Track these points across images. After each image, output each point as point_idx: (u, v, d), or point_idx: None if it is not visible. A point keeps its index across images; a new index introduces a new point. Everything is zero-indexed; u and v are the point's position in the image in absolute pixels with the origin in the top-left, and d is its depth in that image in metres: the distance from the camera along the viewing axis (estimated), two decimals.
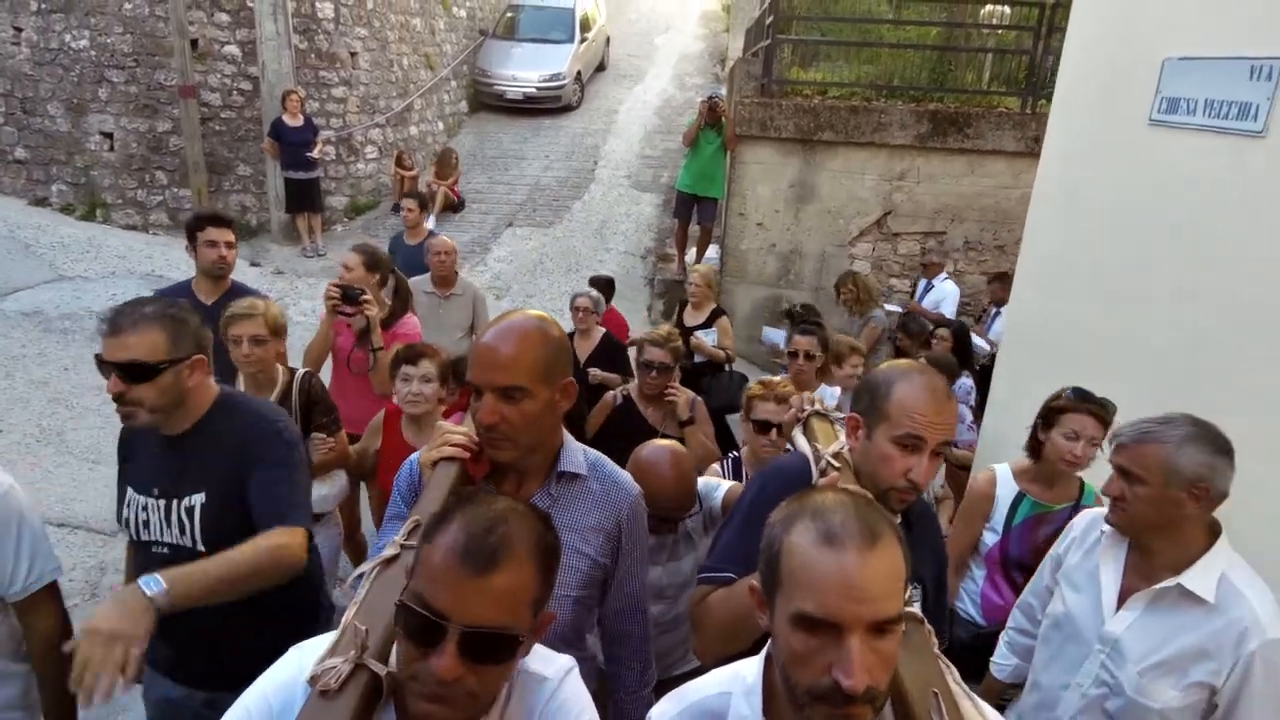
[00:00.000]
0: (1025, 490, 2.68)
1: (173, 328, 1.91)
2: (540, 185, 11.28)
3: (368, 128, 10.51)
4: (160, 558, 1.96)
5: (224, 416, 2.03)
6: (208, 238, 3.47)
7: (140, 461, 2.05)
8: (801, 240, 8.08)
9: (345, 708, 1.05)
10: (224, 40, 9.31)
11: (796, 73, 8.95)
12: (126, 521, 2.04)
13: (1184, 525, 1.80)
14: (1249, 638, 1.71)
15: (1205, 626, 1.76)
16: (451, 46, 12.85)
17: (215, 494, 1.97)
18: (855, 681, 0.97)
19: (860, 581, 0.99)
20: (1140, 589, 1.86)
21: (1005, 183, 7.58)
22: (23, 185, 9.42)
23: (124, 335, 1.86)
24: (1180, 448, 1.76)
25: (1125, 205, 2.98)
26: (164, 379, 1.89)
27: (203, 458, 1.98)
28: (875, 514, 1.08)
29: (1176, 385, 2.58)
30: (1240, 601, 1.74)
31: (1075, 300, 3.25)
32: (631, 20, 17.38)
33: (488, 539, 1.05)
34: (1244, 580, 1.78)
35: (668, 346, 3.37)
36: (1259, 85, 2.44)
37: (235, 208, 9.54)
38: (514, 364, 1.50)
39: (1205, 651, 1.76)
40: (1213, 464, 1.74)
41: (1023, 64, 8.26)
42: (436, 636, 1.02)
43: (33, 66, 9.22)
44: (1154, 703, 1.79)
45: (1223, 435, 1.78)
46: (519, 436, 1.53)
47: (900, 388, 1.55)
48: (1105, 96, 3.17)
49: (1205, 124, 2.65)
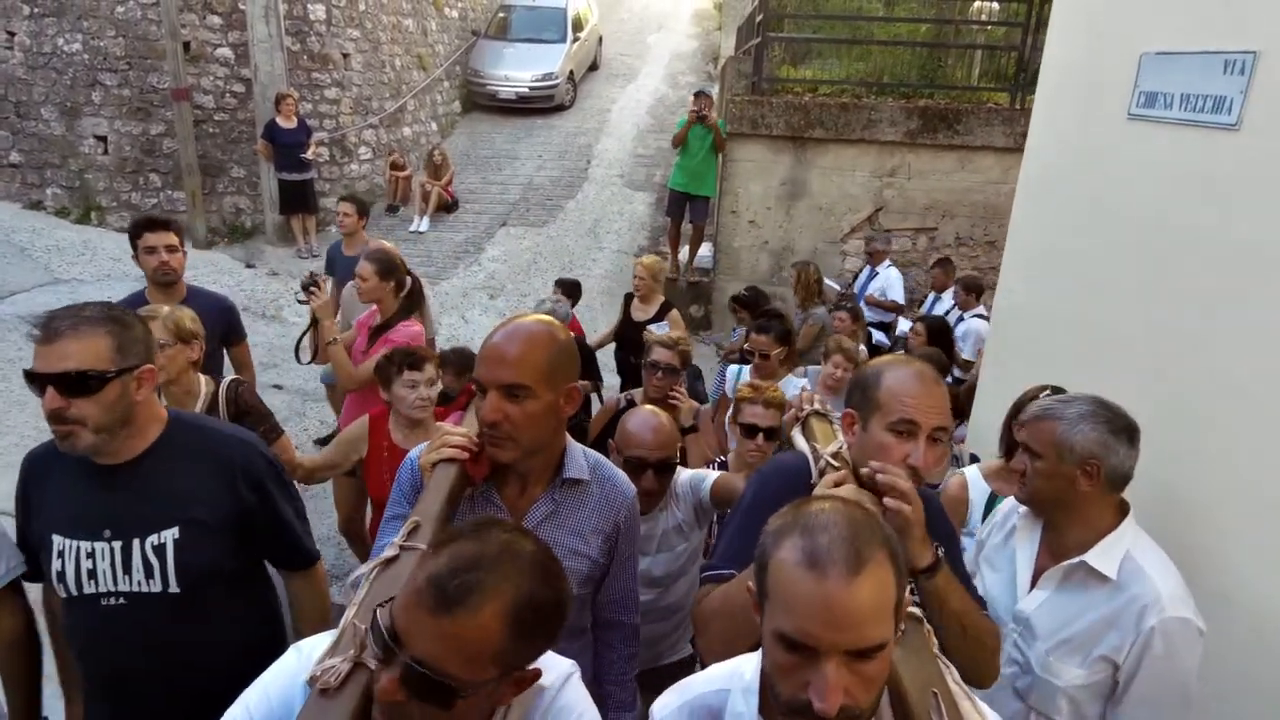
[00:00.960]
0: (998, 491, 2.66)
1: (119, 333, 1.68)
2: (533, 185, 11.31)
3: (361, 129, 10.54)
4: (113, 611, 1.72)
5: (187, 438, 1.81)
6: (146, 244, 3.26)
7: (65, 502, 1.74)
8: (794, 237, 8.13)
9: (345, 707, 1.06)
10: (216, 43, 9.33)
11: (787, 70, 9.01)
12: (59, 576, 1.71)
13: (1086, 504, 1.82)
14: (1149, 614, 1.73)
15: (1109, 604, 1.79)
16: (444, 47, 12.87)
17: (191, 528, 1.74)
18: (827, 705, 0.97)
19: (840, 610, 0.98)
20: (1051, 568, 1.90)
21: (995, 178, 7.65)
22: (17, 189, 9.43)
23: (62, 342, 1.61)
24: (1074, 425, 1.79)
25: (1105, 198, 3.03)
26: (109, 392, 1.64)
27: (169, 487, 1.74)
28: (868, 533, 1.04)
29: (1148, 375, 2.63)
30: (1142, 578, 1.76)
31: (1058, 293, 3.30)
32: (624, 19, 17.41)
33: (459, 577, 1.00)
34: (1148, 558, 1.80)
35: (676, 349, 3.33)
36: (1232, 79, 2.48)
37: (230, 209, 9.57)
38: (519, 363, 1.51)
39: (1109, 627, 1.78)
40: (1105, 442, 1.76)
41: (1012, 60, 8.32)
42: (389, 655, 1.01)
43: (26, 70, 9.23)
44: (1059, 680, 1.82)
45: (1124, 417, 1.81)
46: (521, 436, 1.53)
47: (889, 376, 1.57)
48: (1086, 91, 3.22)
49: (1182, 118, 2.70)
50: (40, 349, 1.62)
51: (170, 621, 1.76)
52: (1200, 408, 2.44)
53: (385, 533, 1.65)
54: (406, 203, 10.50)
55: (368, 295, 3.75)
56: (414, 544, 1.32)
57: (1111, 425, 1.78)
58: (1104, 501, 1.84)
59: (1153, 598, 1.73)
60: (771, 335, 3.64)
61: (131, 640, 1.75)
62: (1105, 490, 1.81)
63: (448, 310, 8.45)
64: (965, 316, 6.29)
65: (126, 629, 1.74)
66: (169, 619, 1.76)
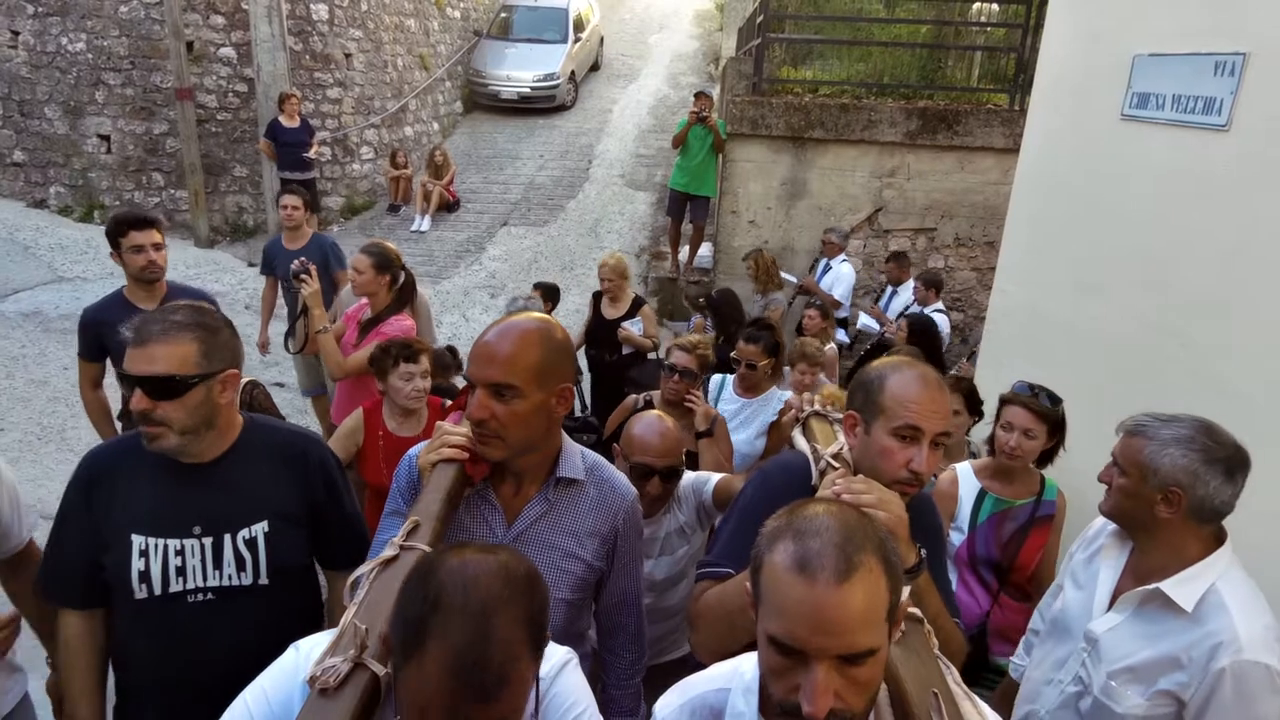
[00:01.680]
0: (987, 487, 2.68)
1: (206, 338, 1.71)
2: (535, 184, 11.34)
3: (363, 128, 10.57)
4: (198, 608, 1.76)
5: (264, 437, 1.88)
6: (133, 243, 3.21)
7: (144, 501, 1.76)
8: (794, 237, 8.16)
9: (345, 707, 1.05)
10: (219, 43, 9.38)
11: (787, 71, 9.04)
12: (140, 575, 1.72)
13: (1168, 530, 1.73)
14: (1222, 654, 1.61)
15: (1181, 637, 1.68)
16: (446, 47, 12.91)
17: (279, 520, 1.81)
18: (815, 709, 0.97)
19: (830, 615, 0.98)
20: (1129, 591, 1.81)
21: (994, 179, 7.67)
22: (21, 187, 9.48)
23: (151, 346, 1.65)
24: (1164, 448, 1.70)
25: (1098, 198, 3.07)
26: (194, 395, 1.68)
27: (254, 483, 1.81)
28: (860, 538, 1.04)
29: (1137, 373, 2.66)
30: (1222, 615, 1.64)
31: (1052, 292, 3.33)
32: (625, 20, 17.44)
33: (485, 677, 0.97)
34: (1236, 595, 1.67)
35: (695, 353, 3.31)
36: (1222, 80, 2.52)
37: (232, 208, 9.61)
38: (509, 362, 1.50)
39: (1176, 662, 1.68)
40: (1195, 472, 1.66)
41: (1011, 61, 8.34)
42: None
43: (30, 70, 9.27)
44: (1117, 706, 1.75)
45: (1227, 448, 1.68)
46: (507, 435, 1.52)
47: (893, 380, 1.55)
48: (1080, 93, 3.26)
49: (1173, 118, 2.74)
50: (132, 351, 1.66)
51: (252, 614, 1.81)
52: (1187, 405, 2.47)
53: (384, 528, 1.65)
54: (408, 202, 10.54)
55: (361, 288, 3.76)
56: (414, 544, 1.32)
57: (1207, 455, 1.66)
58: (1188, 530, 1.72)
59: (1229, 636, 1.62)
60: (760, 346, 3.56)
61: (210, 636, 1.78)
62: (1189, 520, 1.71)
63: (449, 309, 8.49)
64: (925, 311, 6.35)
65: (208, 626, 1.78)
66: (251, 612, 1.81)
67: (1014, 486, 2.67)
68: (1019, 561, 2.61)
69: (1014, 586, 2.65)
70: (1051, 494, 2.65)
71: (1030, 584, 2.66)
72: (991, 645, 2.64)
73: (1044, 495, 2.65)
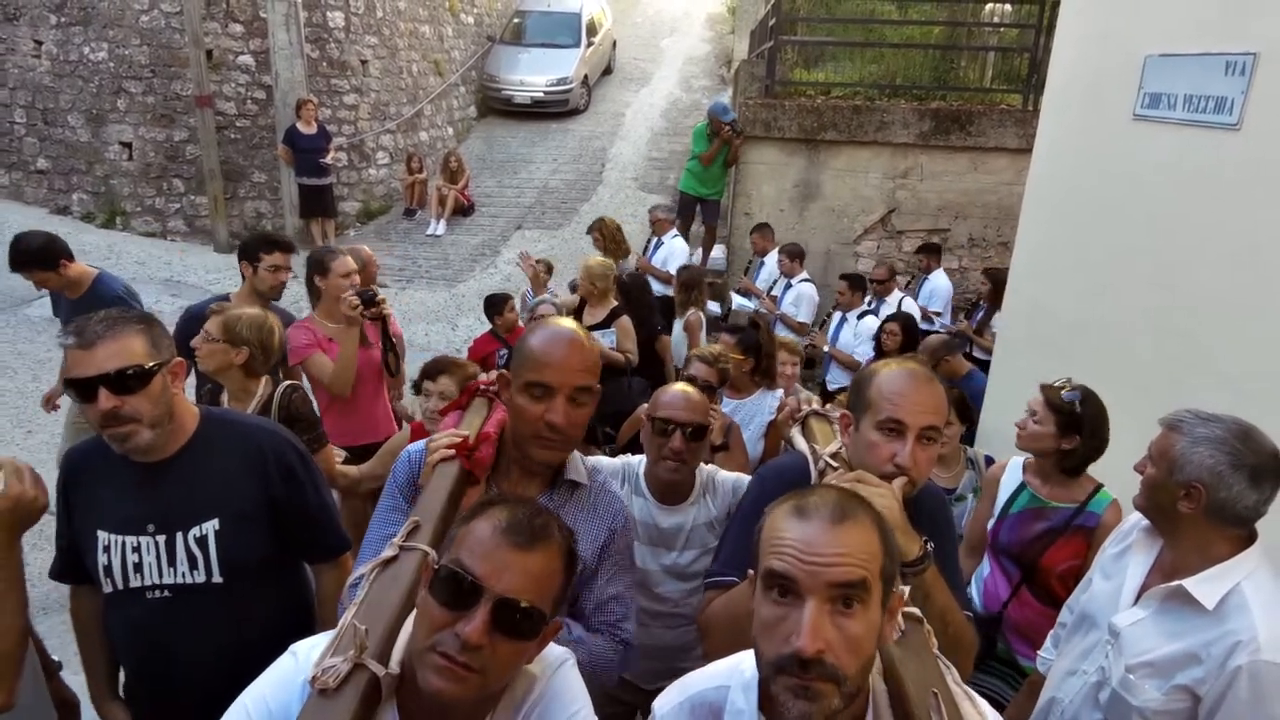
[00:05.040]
0: (1028, 483, 2.65)
1: (147, 329, 1.74)
2: (548, 188, 11.42)
3: (379, 134, 10.69)
4: (158, 604, 1.80)
5: (219, 431, 1.87)
6: (273, 263, 3.53)
7: (108, 498, 1.80)
8: (806, 239, 8.17)
9: (345, 707, 1.05)
10: (238, 50, 9.52)
11: (800, 74, 9.06)
12: (104, 570, 1.78)
13: (1191, 527, 1.74)
14: (1240, 652, 1.61)
15: (1202, 634, 1.69)
16: (460, 53, 13.03)
17: (231, 518, 1.81)
18: (805, 643, 0.98)
19: (821, 545, 1.02)
20: (1154, 587, 1.82)
21: (1008, 179, 7.67)
22: (45, 194, 9.64)
23: (102, 344, 1.66)
24: (1195, 445, 1.70)
25: (1109, 198, 3.08)
26: (156, 385, 1.71)
27: (206, 480, 1.81)
28: (856, 503, 1.10)
29: (1150, 371, 2.67)
30: (1244, 614, 1.64)
31: (1066, 291, 3.35)
32: (637, 24, 17.51)
33: (534, 520, 1.11)
34: (1260, 595, 1.67)
35: (716, 366, 3.22)
36: (1233, 80, 2.54)
37: (251, 214, 9.73)
38: (592, 364, 1.57)
39: (1195, 658, 1.69)
40: (1219, 473, 1.66)
41: (1024, 61, 8.33)
42: (470, 601, 1.04)
43: (53, 79, 9.44)
44: (1133, 699, 1.76)
45: (1260, 454, 1.67)
46: (574, 440, 1.58)
47: (881, 376, 1.57)
48: (1092, 93, 3.27)
49: (1185, 118, 2.75)
50: (79, 355, 1.65)
51: (212, 612, 1.82)
52: (1198, 403, 2.49)
53: (381, 524, 1.64)
54: (423, 206, 10.64)
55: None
56: (414, 544, 1.31)
57: (1235, 459, 1.67)
58: (1213, 530, 1.73)
59: (1248, 636, 1.62)
60: (736, 340, 3.43)
61: (174, 632, 1.81)
62: (1210, 521, 1.71)
63: (464, 312, 8.57)
64: (793, 282, 6.45)
65: (170, 621, 1.81)
66: (211, 610, 1.82)
67: (1053, 489, 2.61)
68: (1043, 563, 2.55)
69: (1040, 587, 2.59)
70: (1099, 506, 2.53)
71: (1060, 589, 2.55)
72: (1009, 639, 2.64)
73: (1089, 506, 2.55)
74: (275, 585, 1.98)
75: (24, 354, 6.43)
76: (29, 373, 6.26)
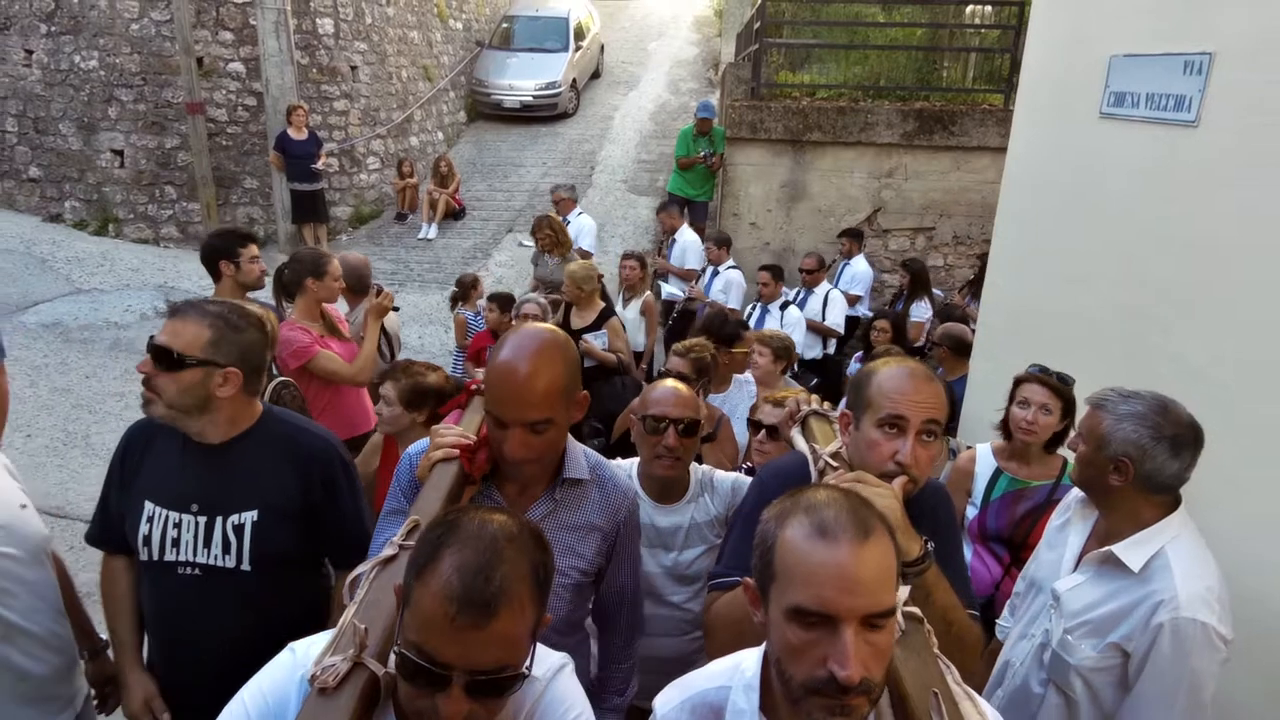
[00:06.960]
0: (1003, 467, 2.78)
1: (221, 330, 1.82)
2: (539, 191, 11.48)
3: (369, 139, 10.76)
4: (188, 580, 1.87)
5: (272, 430, 1.95)
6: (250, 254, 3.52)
7: (161, 472, 1.90)
8: (794, 238, 8.30)
9: (344, 706, 1.05)
10: (228, 58, 9.58)
11: (785, 76, 9.19)
12: (144, 539, 1.86)
13: (1121, 498, 1.85)
14: (1161, 611, 1.73)
15: (1129, 595, 1.81)
16: (449, 58, 13.11)
17: (269, 512, 1.88)
18: (851, 672, 0.98)
19: (854, 574, 1.00)
20: (1091, 553, 1.95)
21: (990, 178, 7.79)
22: (37, 202, 9.67)
23: (174, 321, 1.82)
24: (1120, 422, 1.81)
25: (1078, 194, 3.20)
26: (188, 376, 1.78)
27: (253, 472, 1.88)
28: (867, 509, 1.08)
29: (1117, 359, 2.78)
30: (1165, 575, 1.76)
31: (1040, 285, 3.47)
32: (625, 28, 17.62)
33: (487, 588, 1.01)
34: (1181, 557, 1.78)
35: (688, 357, 3.28)
36: (1191, 79, 2.65)
37: (243, 220, 9.78)
38: (544, 400, 1.49)
39: (1124, 617, 1.81)
40: (1143, 446, 1.77)
41: (1005, 62, 8.47)
42: (441, 683, 1.01)
43: (44, 87, 9.48)
44: (1070, 658, 1.88)
45: (1177, 425, 1.78)
46: (545, 459, 1.58)
47: (880, 374, 1.57)
48: (1061, 92, 3.39)
49: (1147, 116, 2.87)
50: (164, 324, 1.84)
51: (236, 598, 1.88)
52: (1168, 390, 2.60)
53: (382, 527, 1.67)
54: (414, 211, 10.72)
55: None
56: (413, 544, 1.28)
57: (1156, 432, 1.77)
58: (1142, 498, 1.84)
59: (1169, 595, 1.73)
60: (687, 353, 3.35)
61: (199, 610, 1.88)
62: (1139, 490, 1.82)
63: None
64: (720, 270, 6.56)
65: (196, 599, 1.88)
66: (236, 595, 1.88)
67: (1031, 468, 2.75)
68: (1031, 540, 2.64)
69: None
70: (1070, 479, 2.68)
71: None
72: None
73: (1063, 479, 2.69)
74: (299, 580, 2.04)
75: (20, 360, 6.48)
76: (25, 378, 6.31)
